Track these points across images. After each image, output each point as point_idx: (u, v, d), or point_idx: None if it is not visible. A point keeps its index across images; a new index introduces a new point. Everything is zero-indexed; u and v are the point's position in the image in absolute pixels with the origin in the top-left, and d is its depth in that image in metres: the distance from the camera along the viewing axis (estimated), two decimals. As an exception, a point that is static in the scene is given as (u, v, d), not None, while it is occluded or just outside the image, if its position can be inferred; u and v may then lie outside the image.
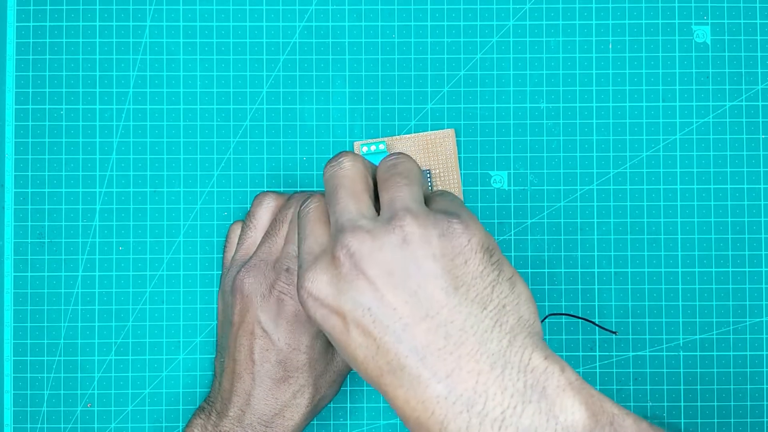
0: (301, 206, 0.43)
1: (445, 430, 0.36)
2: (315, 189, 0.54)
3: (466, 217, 0.39)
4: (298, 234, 0.42)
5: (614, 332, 0.53)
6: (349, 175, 0.41)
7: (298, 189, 0.54)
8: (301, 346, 0.47)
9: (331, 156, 0.53)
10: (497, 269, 0.38)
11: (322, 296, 0.39)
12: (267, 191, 0.51)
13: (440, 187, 0.53)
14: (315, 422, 0.53)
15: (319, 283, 0.39)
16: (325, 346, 0.48)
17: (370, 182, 0.42)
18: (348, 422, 0.54)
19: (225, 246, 0.52)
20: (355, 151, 0.53)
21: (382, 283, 0.37)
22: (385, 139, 0.53)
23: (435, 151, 0.53)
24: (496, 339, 0.36)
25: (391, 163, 0.42)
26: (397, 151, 0.49)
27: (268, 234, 0.49)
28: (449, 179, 0.53)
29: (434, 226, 0.38)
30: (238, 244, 0.51)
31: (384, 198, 0.40)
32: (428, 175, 0.53)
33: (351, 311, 0.38)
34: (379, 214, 0.40)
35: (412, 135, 0.53)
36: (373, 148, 0.53)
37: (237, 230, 0.52)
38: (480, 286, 0.37)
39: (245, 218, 0.51)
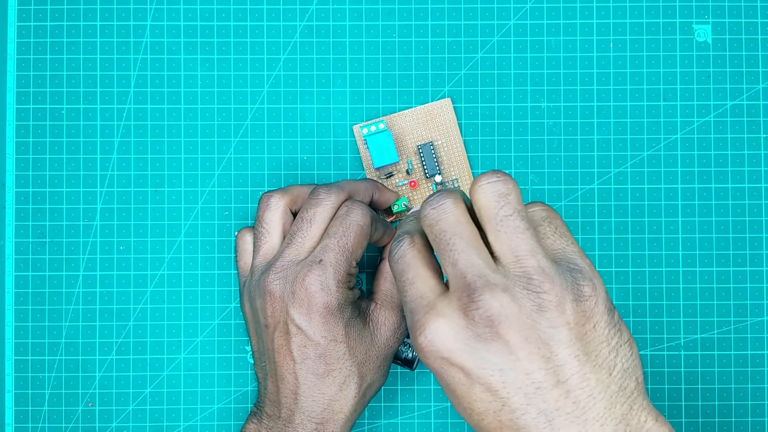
0: (392, 249, 0.42)
1: None
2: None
3: (588, 270, 0.39)
4: (398, 276, 0.41)
5: None
6: (462, 221, 0.39)
7: (299, 188, 0.54)
8: (338, 336, 0.46)
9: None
10: (618, 331, 0.39)
11: (445, 349, 0.38)
12: (270, 191, 0.49)
13: (445, 159, 0.53)
14: (316, 421, 0.53)
15: (443, 335, 0.38)
16: (361, 331, 0.47)
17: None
18: (349, 421, 0.54)
19: (236, 255, 0.51)
20: (355, 135, 0.53)
21: (519, 349, 0.37)
22: (384, 117, 0.53)
23: (435, 122, 0.53)
24: (619, 403, 0.38)
25: (499, 192, 0.39)
26: (494, 171, 0.40)
27: (294, 235, 0.47)
28: (453, 148, 0.53)
29: (568, 291, 0.38)
30: (254, 251, 0.49)
31: (504, 246, 0.39)
32: (432, 148, 0.53)
33: (479, 369, 0.37)
34: (495, 259, 0.39)
35: (411, 110, 0.53)
36: (373, 128, 0.53)
37: (246, 237, 0.51)
38: (605, 350, 0.38)
39: (255, 224, 0.49)
